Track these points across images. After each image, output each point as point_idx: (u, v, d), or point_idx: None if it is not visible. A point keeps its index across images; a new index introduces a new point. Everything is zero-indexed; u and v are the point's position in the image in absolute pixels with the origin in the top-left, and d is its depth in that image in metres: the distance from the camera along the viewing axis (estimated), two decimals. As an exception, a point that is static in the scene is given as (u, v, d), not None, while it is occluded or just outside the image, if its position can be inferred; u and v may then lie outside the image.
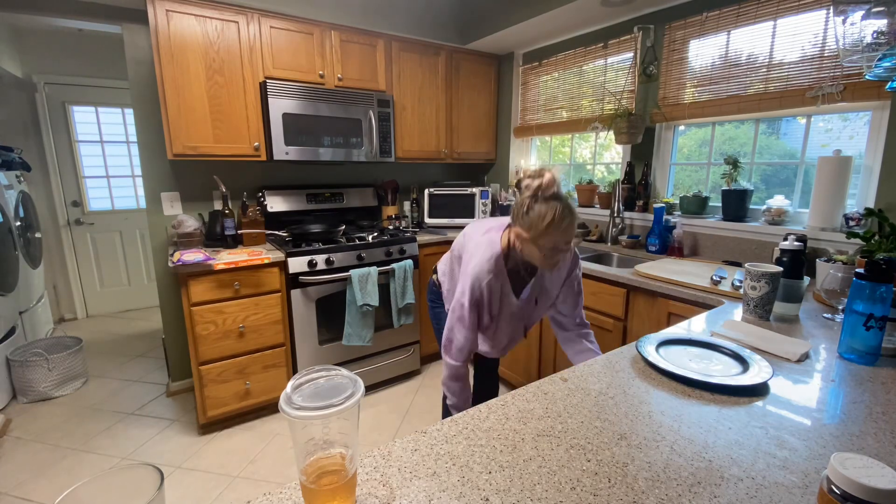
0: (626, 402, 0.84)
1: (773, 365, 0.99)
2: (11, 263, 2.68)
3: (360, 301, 2.38)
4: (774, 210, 1.93)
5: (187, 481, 1.93)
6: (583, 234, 2.69)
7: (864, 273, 0.98)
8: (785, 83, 1.87)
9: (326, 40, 2.53)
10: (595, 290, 2.00)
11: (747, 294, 1.31)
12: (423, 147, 3.04)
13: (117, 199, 4.08)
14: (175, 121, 2.17)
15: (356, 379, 0.55)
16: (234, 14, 2.24)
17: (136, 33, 2.33)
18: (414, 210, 3.29)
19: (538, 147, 3.34)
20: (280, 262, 2.25)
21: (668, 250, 2.22)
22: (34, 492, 1.86)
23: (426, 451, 0.69)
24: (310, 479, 0.52)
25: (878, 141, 1.66)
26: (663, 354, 1.02)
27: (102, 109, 3.90)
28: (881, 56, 1.23)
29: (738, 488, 0.61)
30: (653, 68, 2.34)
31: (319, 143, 2.50)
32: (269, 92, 2.31)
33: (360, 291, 2.38)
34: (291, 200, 2.75)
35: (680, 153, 2.42)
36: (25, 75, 3.52)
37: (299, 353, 2.37)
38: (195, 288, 2.05)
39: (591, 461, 0.67)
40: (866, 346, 1.00)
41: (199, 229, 2.45)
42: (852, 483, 0.45)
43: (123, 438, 2.23)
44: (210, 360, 2.14)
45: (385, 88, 2.79)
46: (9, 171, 2.87)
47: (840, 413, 0.80)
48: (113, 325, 3.84)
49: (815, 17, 1.76)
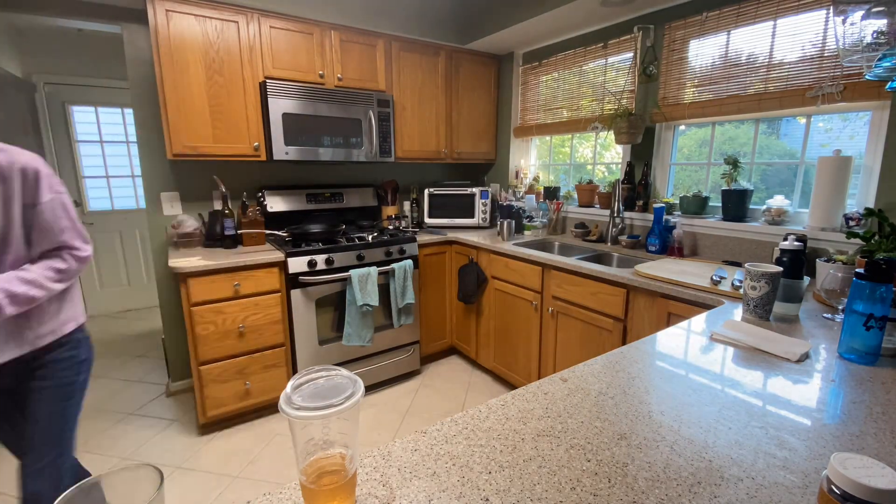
0: (626, 402, 0.84)
1: (773, 365, 0.99)
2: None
3: (360, 301, 2.38)
4: (774, 210, 1.92)
5: (187, 481, 1.93)
6: (583, 233, 2.69)
7: (864, 273, 0.98)
8: (785, 83, 1.87)
9: (326, 40, 2.53)
10: (595, 290, 2.00)
11: (747, 294, 1.31)
12: (423, 147, 3.04)
13: (117, 200, 4.08)
14: (175, 121, 2.17)
15: (356, 379, 0.55)
16: (233, 14, 2.24)
17: (136, 33, 2.33)
18: (414, 210, 3.30)
19: (538, 147, 3.35)
20: (280, 262, 2.25)
21: (668, 250, 2.22)
22: (34, 492, 1.86)
23: (426, 451, 0.69)
24: (310, 480, 0.52)
25: (878, 141, 1.66)
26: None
27: (102, 109, 3.90)
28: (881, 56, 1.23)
29: (738, 488, 0.61)
30: (653, 68, 2.34)
31: (319, 143, 2.50)
32: (269, 92, 2.31)
33: (360, 291, 2.38)
34: (291, 200, 2.75)
35: (680, 153, 2.42)
36: (25, 75, 3.52)
37: (299, 353, 2.37)
38: (195, 288, 2.05)
39: (591, 461, 0.67)
40: (866, 346, 1.00)
41: (198, 229, 2.45)
42: (852, 483, 0.45)
43: (123, 438, 2.23)
44: (210, 360, 2.14)
45: (385, 88, 2.79)
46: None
47: (840, 413, 0.80)
48: (113, 325, 3.84)
49: (815, 17, 1.76)
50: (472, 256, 2.76)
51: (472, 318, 2.85)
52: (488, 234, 2.95)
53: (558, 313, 2.21)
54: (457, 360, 3.12)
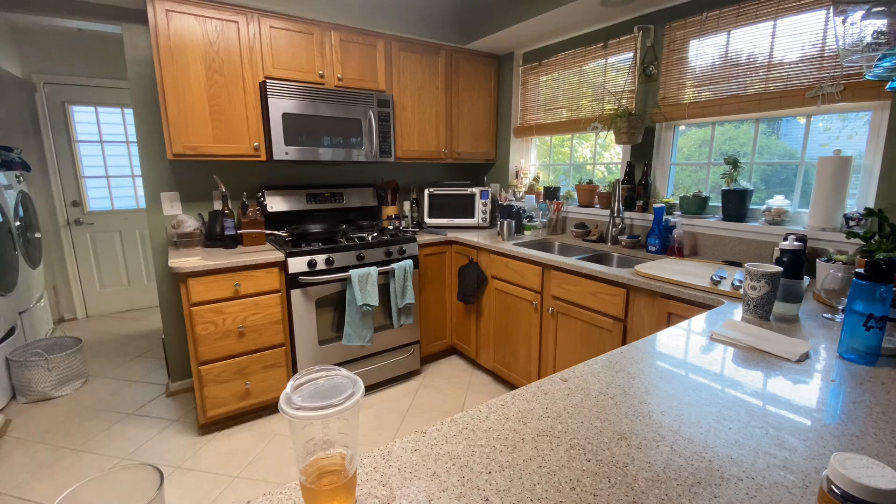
0: (626, 402, 0.84)
1: (773, 365, 0.99)
2: (11, 263, 2.68)
3: (360, 301, 2.38)
4: (774, 210, 1.93)
5: (187, 481, 1.93)
6: (583, 233, 2.69)
7: (864, 273, 0.98)
8: (785, 83, 1.87)
9: (326, 40, 2.53)
10: (595, 290, 2.00)
11: (747, 294, 1.31)
12: (423, 147, 3.04)
13: (117, 199, 4.08)
14: (175, 121, 2.17)
15: (356, 379, 0.55)
16: (233, 14, 2.24)
17: (136, 33, 2.33)
18: (414, 210, 3.30)
19: (538, 147, 3.35)
20: (280, 262, 2.25)
21: (668, 250, 2.22)
22: (34, 492, 1.86)
23: (426, 451, 0.69)
24: (310, 480, 0.52)
25: (877, 141, 1.66)
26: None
27: (102, 109, 3.90)
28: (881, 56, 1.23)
29: (738, 488, 0.61)
30: (653, 68, 2.34)
31: (319, 143, 2.50)
32: (269, 92, 2.31)
33: (360, 291, 2.38)
34: (291, 200, 2.75)
35: (680, 153, 2.42)
36: (25, 75, 3.52)
37: (299, 353, 2.37)
38: (195, 288, 2.05)
39: (591, 461, 0.67)
40: (866, 346, 1.00)
41: (198, 229, 2.45)
42: (852, 483, 0.45)
43: (123, 438, 2.23)
44: (210, 360, 2.14)
45: (385, 88, 2.79)
46: (8, 171, 2.87)
47: (840, 413, 0.80)
48: (113, 325, 3.84)
49: (815, 17, 1.76)
50: (472, 256, 2.76)
51: (472, 318, 2.85)
52: (488, 234, 2.95)
53: (558, 313, 2.21)
54: (457, 360, 3.12)
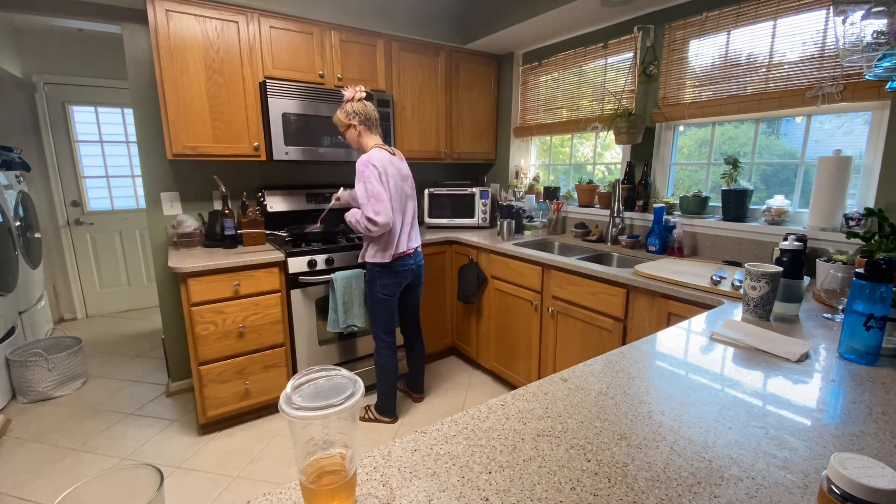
0: (626, 402, 0.84)
1: (773, 365, 0.99)
2: (11, 263, 2.68)
3: (361, 301, 2.38)
4: (774, 210, 1.93)
5: (187, 481, 1.93)
6: (583, 233, 2.69)
7: (864, 273, 0.98)
8: (785, 83, 1.87)
9: (326, 40, 2.53)
10: (595, 290, 2.00)
11: (747, 294, 1.31)
12: (423, 147, 3.04)
13: (117, 199, 4.08)
14: (175, 121, 2.17)
15: (356, 379, 0.55)
16: (233, 14, 2.24)
17: (136, 33, 2.33)
18: (414, 210, 3.29)
19: (538, 147, 3.35)
20: (280, 262, 2.25)
21: (668, 250, 2.22)
22: (34, 492, 1.86)
23: (426, 451, 0.69)
24: (310, 480, 0.52)
25: (878, 141, 1.66)
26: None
27: (102, 109, 3.90)
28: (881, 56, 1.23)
29: (738, 488, 0.61)
30: (653, 68, 2.34)
31: (319, 143, 2.50)
32: (269, 92, 2.31)
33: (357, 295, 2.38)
34: (291, 200, 2.75)
35: (680, 153, 2.42)
36: (25, 75, 3.52)
37: (299, 354, 2.37)
38: (195, 288, 2.05)
39: (591, 461, 0.67)
40: (866, 346, 1.00)
41: (198, 229, 2.45)
42: (852, 483, 0.45)
43: (123, 438, 2.23)
44: (210, 361, 2.14)
45: (385, 88, 2.79)
46: (8, 171, 2.87)
47: (840, 413, 0.80)
48: (113, 325, 3.84)
49: (815, 17, 1.76)
50: (472, 256, 2.76)
51: (472, 318, 2.85)
52: (488, 234, 2.95)
53: (558, 313, 2.21)
54: (457, 360, 3.12)
